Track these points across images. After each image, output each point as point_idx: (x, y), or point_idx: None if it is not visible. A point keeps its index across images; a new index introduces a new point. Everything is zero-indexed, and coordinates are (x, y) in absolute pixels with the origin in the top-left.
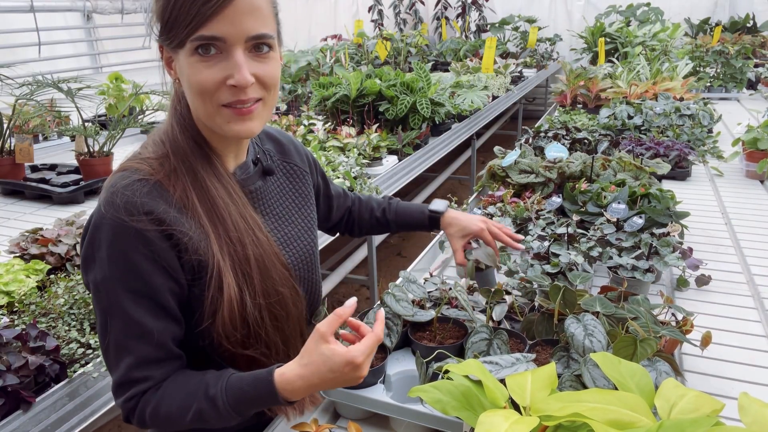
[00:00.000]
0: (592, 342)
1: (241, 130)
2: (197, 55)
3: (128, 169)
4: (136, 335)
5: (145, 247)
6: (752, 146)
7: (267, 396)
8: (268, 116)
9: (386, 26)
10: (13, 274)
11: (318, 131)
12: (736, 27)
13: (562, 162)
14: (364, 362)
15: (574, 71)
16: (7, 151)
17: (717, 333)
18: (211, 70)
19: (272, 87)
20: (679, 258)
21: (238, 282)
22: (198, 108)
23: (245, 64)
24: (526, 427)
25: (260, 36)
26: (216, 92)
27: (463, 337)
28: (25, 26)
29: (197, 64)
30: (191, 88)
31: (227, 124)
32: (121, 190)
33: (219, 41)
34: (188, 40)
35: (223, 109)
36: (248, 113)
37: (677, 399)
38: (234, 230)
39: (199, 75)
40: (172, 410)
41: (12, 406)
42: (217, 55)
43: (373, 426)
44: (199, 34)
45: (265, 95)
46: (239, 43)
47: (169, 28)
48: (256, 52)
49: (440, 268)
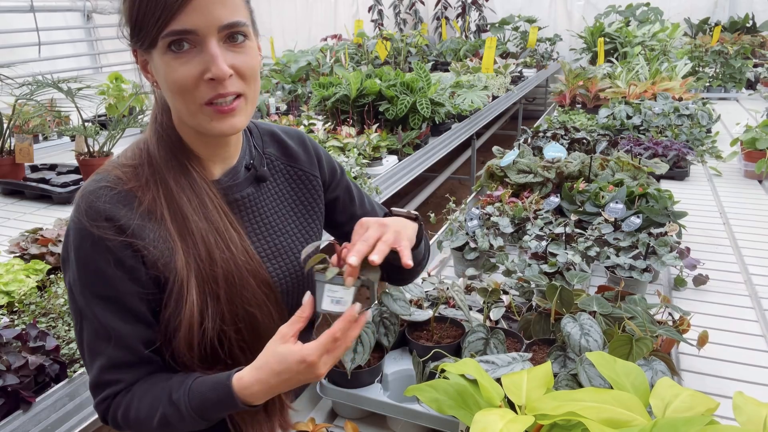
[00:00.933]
0: (588, 341)
1: (225, 128)
2: (171, 53)
3: (101, 173)
4: (105, 338)
5: (107, 253)
6: (750, 146)
7: (227, 400)
8: (251, 111)
9: (386, 26)
10: (13, 274)
11: (318, 131)
12: (735, 27)
13: (561, 162)
14: (320, 361)
15: (574, 71)
16: (7, 151)
17: (714, 332)
18: (187, 66)
19: (251, 79)
20: (676, 258)
21: (202, 302)
22: (180, 109)
23: (221, 55)
24: (521, 426)
25: (233, 24)
26: (195, 89)
27: (461, 336)
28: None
29: (172, 62)
30: (169, 88)
31: (210, 123)
32: (87, 195)
33: (191, 34)
34: (159, 37)
35: (204, 107)
36: (230, 111)
37: (672, 398)
38: (203, 246)
39: (175, 73)
40: (140, 414)
41: (12, 406)
42: (191, 50)
43: (371, 425)
44: (170, 29)
45: (245, 89)
46: (212, 34)
47: (139, 29)
48: (231, 43)
49: (438, 267)
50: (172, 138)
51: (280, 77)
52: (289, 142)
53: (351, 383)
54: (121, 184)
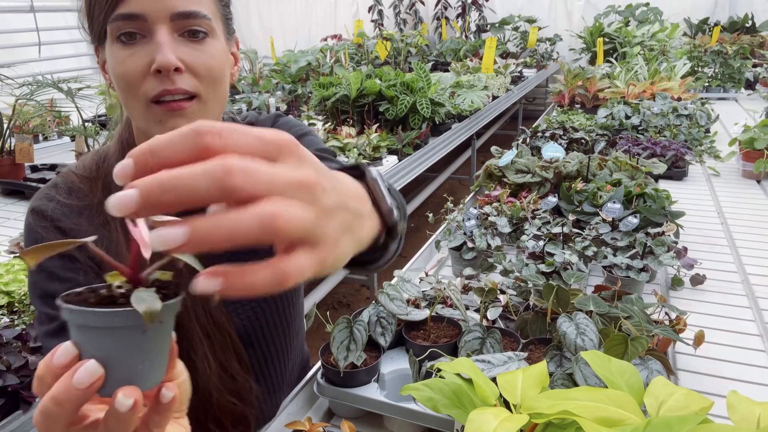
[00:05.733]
0: (584, 340)
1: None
2: (119, 43)
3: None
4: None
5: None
6: (749, 146)
7: None
8: (210, 119)
9: (386, 26)
10: (13, 274)
11: (318, 131)
12: (734, 27)
13: (559, 162)
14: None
15: (572, 71)
16: (7, 151)
17: (711, 332)
18: (134, 57)
19: (208, 79)
20: (673, 257)
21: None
22: (129, 107)
23: (168, 43)
24: (515, 425)
25: (189, 14)
26: (141, 83)
27: (457, 336)
28: (25, 26)
29: (119, 53)
30: (117, 84)
31: (158, 124)
32: (43, 190)
33: (138, 20)
34: (107, 23)
35: (152, 105)
36: (179, 109)
37: (666, 397)
38: None
39: (121, 65)
40: None
41: (12, 406)
42: (141, 40)
43: (367, 424)
44: (117, 13)
45: (201, 90)
46: (162, 21)
47: (91, 17)
48: (190, 38)
49: (436, 267)
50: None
51: (280, 77)
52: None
53: (348, 382)
54: (72, 198)
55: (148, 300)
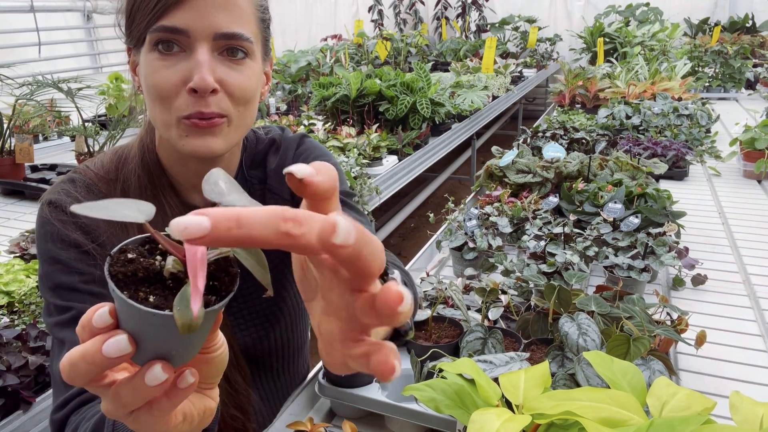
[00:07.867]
0: (586, 341)
1: (199, 147)
2: (157, 52)
3: (78, 172)
4: (58, 349)
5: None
6: (749, 146)
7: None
8: (235, 139)
9: (386, 26)
10: (13, 274)
11: (318, 131)
12: (735, 27)
13: (560, 162)
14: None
15: (573, 71)
16: (7, 151)
17: (712, 332)
18: (171, 70)
19: (242, 101)
20: (674, 257)
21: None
22: (156, 117)
23: (207, 63)
24: (517, 425)
25: (232, 35)
26: (174, 98)
27: (459, 336)
28: (25, 26)
29: (155, 62)
30: (148, 92)
31: (184, 138)
32: (60, 184)
33: (181, 35)
34: (148, 32)
35: (182, 120)
36: (209, 126)
37: (669, 397)
38: None
39: (156, 75)
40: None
41: (12, 406)
42: (180, 53)
43: (369, 425)
44: (160, 24)
45: (232, 111)
46: (205, 40)
47: (131, 21)
48: (230, 57)
49: (437, 267)
50: (151, 162)
51: (280, 77)
52: (270, 158)
53: (349, 383)
54: (91, 197)
55: (186, 315)
